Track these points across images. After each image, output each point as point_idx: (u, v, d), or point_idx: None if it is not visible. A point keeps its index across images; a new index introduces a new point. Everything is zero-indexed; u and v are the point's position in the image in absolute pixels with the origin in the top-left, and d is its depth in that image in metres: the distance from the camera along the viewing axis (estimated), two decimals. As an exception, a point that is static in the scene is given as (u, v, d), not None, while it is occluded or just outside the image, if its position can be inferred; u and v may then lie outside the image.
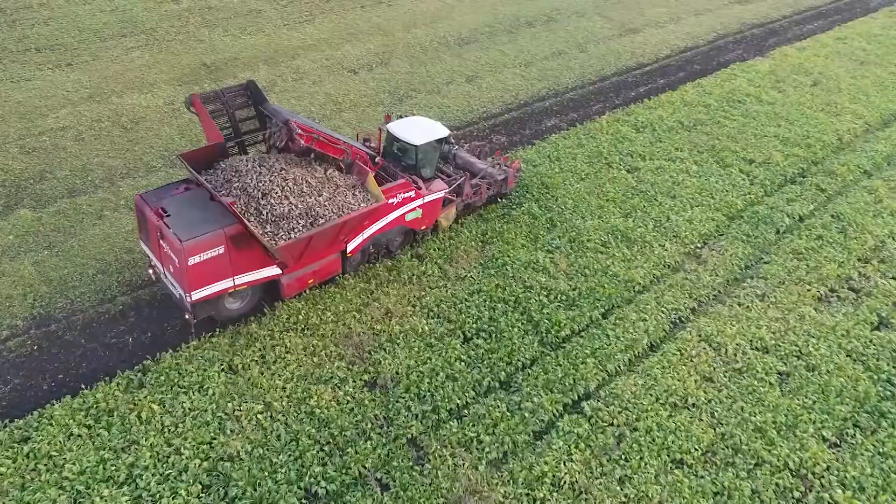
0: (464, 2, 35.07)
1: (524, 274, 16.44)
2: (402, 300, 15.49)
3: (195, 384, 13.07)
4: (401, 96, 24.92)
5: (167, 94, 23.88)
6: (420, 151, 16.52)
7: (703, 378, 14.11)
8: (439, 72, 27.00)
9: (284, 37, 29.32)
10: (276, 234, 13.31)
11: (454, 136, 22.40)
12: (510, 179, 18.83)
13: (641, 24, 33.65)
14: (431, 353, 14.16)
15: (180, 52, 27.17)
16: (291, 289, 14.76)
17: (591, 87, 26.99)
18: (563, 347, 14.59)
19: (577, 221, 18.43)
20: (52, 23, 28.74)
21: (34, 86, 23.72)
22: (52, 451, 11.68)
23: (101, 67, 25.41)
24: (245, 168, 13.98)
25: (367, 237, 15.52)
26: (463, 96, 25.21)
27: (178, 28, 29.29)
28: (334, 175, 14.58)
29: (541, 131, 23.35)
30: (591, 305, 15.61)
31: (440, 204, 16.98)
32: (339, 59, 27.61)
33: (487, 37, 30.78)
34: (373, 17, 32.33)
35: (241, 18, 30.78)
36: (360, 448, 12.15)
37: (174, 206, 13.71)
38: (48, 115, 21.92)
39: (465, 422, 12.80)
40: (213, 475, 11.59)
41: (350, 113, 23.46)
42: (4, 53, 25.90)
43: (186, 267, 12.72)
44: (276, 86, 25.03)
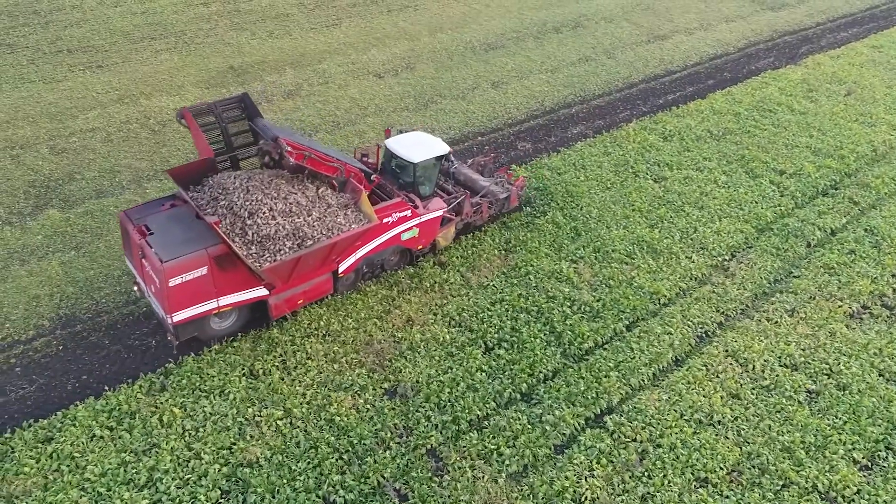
0: (490, 7, 34.95)
1: (547, 284, 16.25)
2: (424, 308, 15.40)
3: (216, 388, 13.11)
4: (426, 101, 24.87)
5: (195, 96, 24.09)
6: (418, 169, 16.04)
7: (730, 395, 13.80)
8: (465, 77, 26.91)
9: (311, 41, 29.46)
10: (262, 255, 12.77)
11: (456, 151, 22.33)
12: (513, 198, 18.21)
13: (670, 30, 33.23)
14: (452, 363, 14.05)
15: (208, 54, 27.43)
16: (280, 310, 14.27)
17: (618, 94, 26.70)
18: (586, 360, 14.38)
19: (601, 231, 18.19)
20: (84, 25, 29.21)
21: (65, 87, 24.10)
22: (75, 452, 11.79)
23: (130, 69, 25.74)
24: (233, 185, 13.47)
25: (359, 257, 15.03)
26: (488, 102, 25.08)
27: (206, 31, 29.59)
28: (326, 193, 14.03)
29: (566, 138, 23.13)
30: (615, 317, 15.38)
31: (438, 223, 16.36)
32: (364, 63, 27.65)
33: (514, 42, 30.61)
34: (399, 21, 32.35)
35: (269, 22, 31.00)
36: (378, 457, 12.08)
37: (158, 223, 13.30)
38: (78, 117, 22.24)
39: (486, 433, 12.66)
40: (232, 481, 11.61)
41: (375, 118, 23.46)
42: (38, 54, 26.37)
43: (167, 288, 12.33)
44: (301, 89, 25.14)
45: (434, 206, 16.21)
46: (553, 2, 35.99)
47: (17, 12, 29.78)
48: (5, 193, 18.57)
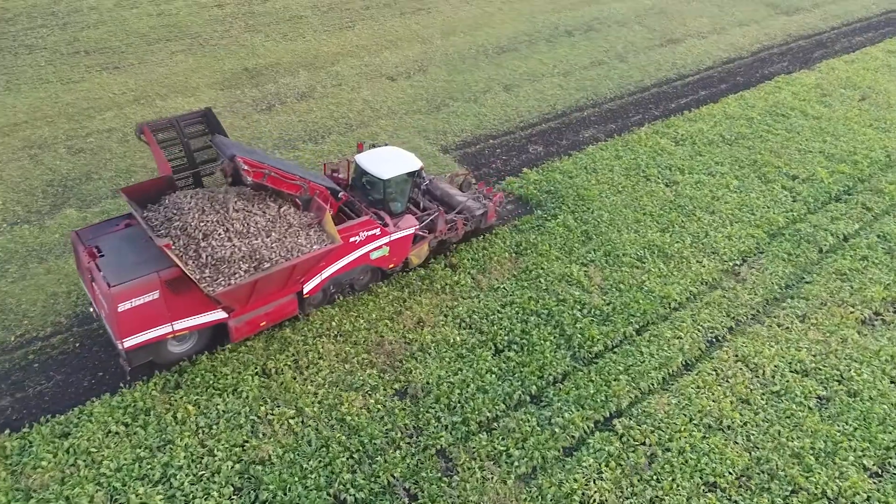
0: (503, 10, 35.07)
1: (558, 287, 16.32)
2: (435, 309, 15.52)
3: (230, 387, 13.28)
4: (438, 104, 25.00)
5: (209, 97, 24.37)
6: (388, 185, 15.38)
7: (740, 400, 13.82)
8: (477, 80, 27.03)
9: (325, 43, 29.70)
10: (216, 279, 12.23)
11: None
12: (490, 213, 17.66)
13: (683, 34, 33.21)
14: (462, 364, 14.15)
15: (223, 56, 27.72)
16: (240, 332, 13.77)
17: (630, 97, 26.72)
18: (596, 363, 14.44)
19: (612, 235, 18.24)
20: (101, 26, 29.61)
21: (83, 88, 24.43)
22: (91, 448, 11.98)
23: (146, 71, 26.06)
24: (188, 205, 12.87)
25: (325, 277, 14.60)
26: (500, 105, 25.18)
27: (221, 33, 29.90)
28: (288, 213, 13.51)
29: (578, 142, 23.19)
30: (625, 321, 15.43)
31: (410, 241, 15.84)
32: (377, 65, 27.84)
33: (526, 45, 30.71)
34: (412, 24, 32.53)
35: (284, 24, 31.27)
36: (389, 457, 12.19)
37: (110, 245, 12.85)
38: (95, 117, 22.55)
39: (495, 435, 12.75)
40: (244, 478, 11.76)
41: (387, 120, 23.62)
42: (55, 56, 26.76)
43: (116, 313, 11.90)
44: (315, 91, 25.35)
45: (405, 223, 15.64)
46: (565, 5, 36.07)
47: (35, 13, 30.26)
48: (24, 192, 18.87)
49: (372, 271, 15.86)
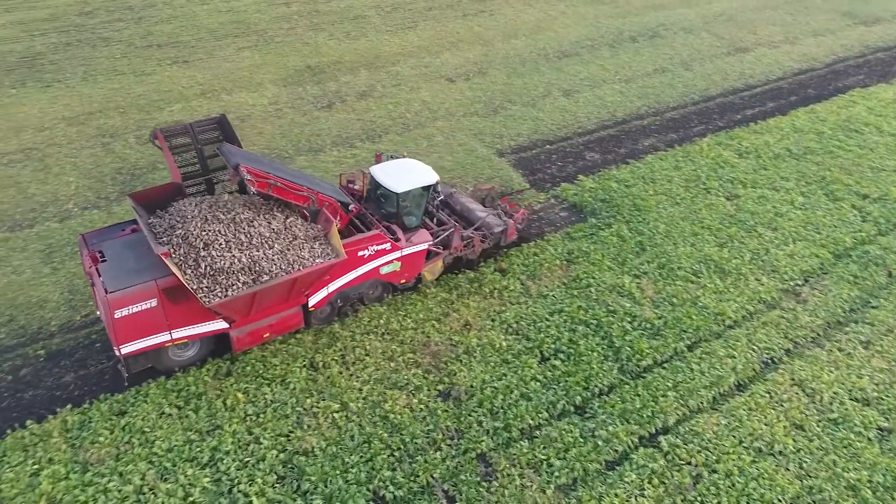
0: (566, 14, 34.77)
1: (608, 297, 16.08)
2: (482, 313, 15.50)
3: (278, 377, 13.59)
4: (495, 107, 24.97)
5: (272, 93, 24.99)
6: (402, 199, 14.97)
7: (794, 425, 13.31)
8: (536, 84, 26.87)
9: (386, 43, 30.04)
10: (213, 289, 11.99)
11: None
12: (510, 231, 17.00)
13: (753, 42, 32.22)
14: (507, 370, 14.09)
15: (287, 53, 28.38)
16: (242, 343, 13.59)
17: (693, 107, 26.08)
18: (644, 377, 14.15)
19: (668, 247, 17.85)
20: (173, 21, 30.75)
21: (153, 80, 25.42)
22: (145, 427, 12.45)
23: (213, 65, 26.92)
24: (191, 213, 12.65)
25: (332, 291, 14.28)
26: (558, 110, 24.96)
27: (286, 30, 30.63)
28: (295, 224, 13.22)
29: (637, 151, 22.78)
30: (676, 336, 15.07)
31: (423, 257, 15.40)
32: (437, 66, 28.00)
33: (588, 50, 30.36)
34: (474, 26, 32.59)
35: (347, 23, 31.81)
36: (429, 457, 12.25)
37: (114, 250, 12.80)
38: (164, 109, 23.43)
39: (536, 443, 12.65)
40: (287, 467, 12.00)
41: (444, 121, 23.73)
42: (130, 48, 27.93)
43: (113, 320, 11.82)
44: (374, 91, 25.67)
45: (419, 238, 15.19)
46: (631, 10, 35.50)
47: (113, 7, 31.65)
48: (94, 179, 19.75)
49: (383, 286, 15.46)
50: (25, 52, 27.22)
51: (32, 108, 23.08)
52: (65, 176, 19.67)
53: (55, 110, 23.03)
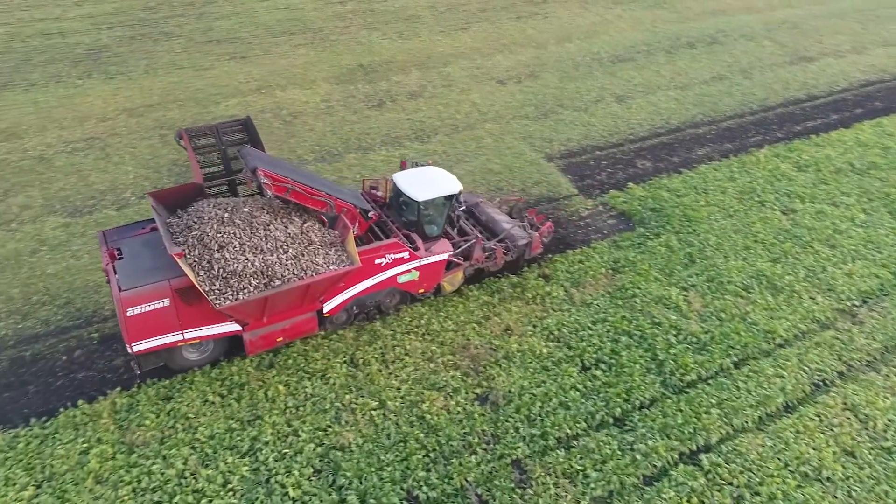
0: (622, 18, 34.26)
1: (654, 309, 15.76)
2: (524, 319, 15.39)
3: (319, 372, 13.77)
4: (546, 111, 24.77)
5: (325, 91, 25.34)
6: (423, 208, 14.71)
7: (844, 451, 12.79)
8: (589, 89, 26.55)
9: (439, 43, 30.14)
10: (224, 292, 11.97)
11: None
12: (535, 245, 16.51)
13: (817, 52, 31.14)
14: (547, 377, 13.95)
15: (341, 52, 28.74)
16: (255, 346, 13.54)
17: (751, 116, 25.36)
18: (687, 392, 13.82)
19: (718, 260, 17.39)
20: (232, 17, 31.51)
21: (211, 75, 26.08)
22: (189, 413, 12.78)
23: (269, 62, 27.46)
24: (208, 215, 12.62)
25: (347, 298, 14.13)
26: (610, 116, 24.60)
27: (341, 29, 31.03)
28: (312, 229, 13.14)
29: (690, 160, 22.27)
30: (723, 352, 14.67)
31: (443, 267, 15.14)
32: (488, 68, 27.94)
33: (644, 56, 29.84)
34: (527, 28, 32.40)
35: (401, 23, 32.03)
36: (464, 460, 12.22)
37: (131, 247, 12.87)
38: (220, 104, 24.01)
39: (573, 453, 12.49)
40: (324, 461, 12.14)
41: (493, 124, 23.65)
42: (190, 43, 28.73)
43: (125, 318, 11.91)
44: (425, 91, 25.78)
45: (439, 248, 14.93)
46: (689, 16, 34.77)
47: (176, 3, 32.61)
48: (151, 169, 20.38)
49: (401, 295, 15.29)
50: (92, 45, 28.29)
51: (96, 99, 23.97)
52: (124, 165, 20.36)
53: (117, 102, 23.87)
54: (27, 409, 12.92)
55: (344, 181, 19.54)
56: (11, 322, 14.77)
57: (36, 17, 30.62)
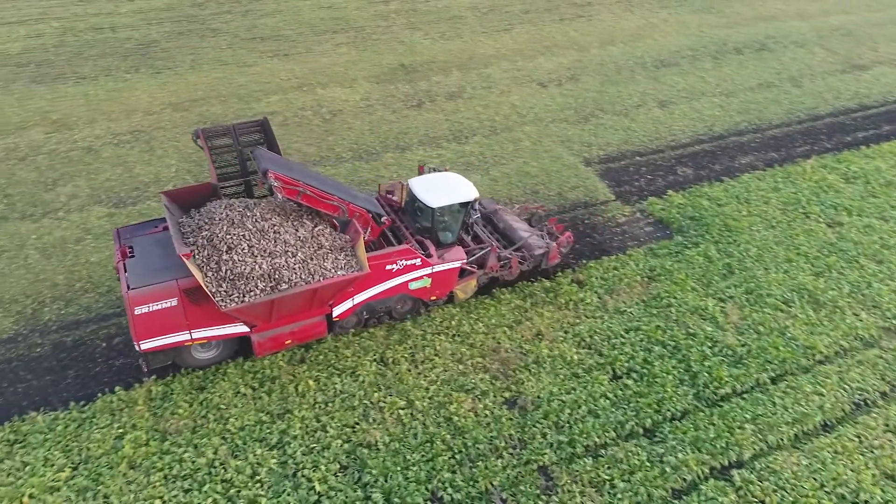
0: (668, 21, 33.72)
1: (689, 319, 15.46)
2: (555, 324, 15.26)
3: (349, 369, 13.87)
4: (586, 115, 24.52)
5: (365, 90, 25.53)
6: (437, 214, 14.53)
7: (884, 475, 12.35)
8: (630, 93, 26.18)
9: (480, 44, 30.08)
10: (231, 294, 11.98)
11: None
12: (552, 254, 16.09)
13: (872, 60, 30.14)
14: (576, 384, 13.80)
15: (383, 51, 28.92)
16: (263, 348, 13.55)
17: (799, 125, 24.67)
18: (720, 406, 13.51)
19: (758, 272, 16.96)
20: (277, 15, 31.99)
21: (254, 72, 26.51)
22: (221, 404, 13.01)
23: (311, 60, 27.79)
24: (219, 216, 12.62)
25: (357, 303, 14.07)
26: (652, 121, 24.23)
27: (383, 28, 31.22)
28: (323, 233, 13.10)
29: (733, 168, 21.78)
30: (759, 366, 14.30)
31: (455, 275, 14.93)
32: (529, 70, 27.78)
33: (689, 61, 29.30)
34: (570, 31, 32.13)
35: (443, 23, 32.07)
36: (490, 464, 12.17)
37: (143, 246, 12.92)
38: (262, 100, 24.40)
39: (601, 462, 12.33)
40: (351, 458, 12.23)
41: (532, 126, 23.51)
42: (235, 40, 29.26)
43: (132, 316, 11.93)
44: (464, 92, 25.76)
45: (452, 255, 14.74)
46: (738, 21, 34.04)
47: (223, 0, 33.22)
48: (193, 163, 20.80)
49: (413, 301, 15.14)
50: (142, 40, 29.04)
51: (143, 93, 24.60)
52: (167, 158, 20.84)
53: (163, 96, 24.45)
54: (66, 392, 13.34)
55: (381, 180, 19.66)
56: (56, 307, 15.24)
57: (90, 12, 31.58)
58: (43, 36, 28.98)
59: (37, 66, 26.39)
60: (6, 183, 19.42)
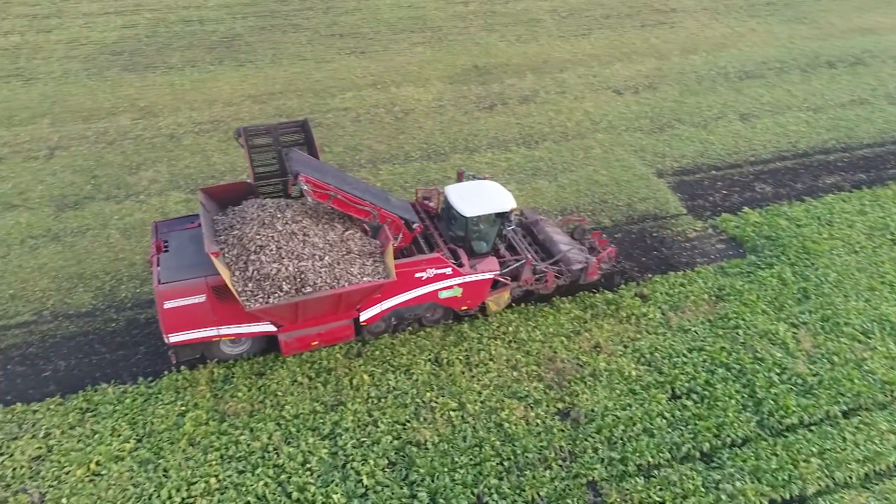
0: (756, 31, 32.42)
1: (757, 343, 14.81)
2: (615, 338, 14.92)
3: (403, 367, 13.98)
4: (662, 125, 23.86)
5: (437, 90, 25.67)
6: (470, 223, 14.24)
7: (964, 526, 11.51)
8: (710, 104, 25.31)
9: (557, 48, 29.75)
10: (256, 294, 12.05)
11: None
12: (592, 270, 15.40)
13: (977, 79, 28.09)
14: (633, 401, 13.45)
15: (458, 52, 29.00)
16: (290, 347, 13.67)
17: (892, 146, 23.24)
18: (785, 436, 12.89)
19: (836, 299, 16.08)
20: (356, 13, 32.58)
21: (331, 68, 27.10)
22: (278, 391, 13.36)
23: (387, 58, 28.16)
24: (251, 216, 12.77)
25: (385, 309, 13.96)
26: (731, 135, 23.34)
27: (460, 29, 31.31)
28: (353, 237, 13.10)
29: (816, 188, 20.73)
30: (831, 398, 13.55)
31: (488, 286, 14.58)
32: (605, 77, 27.27)
33: (776, 73, 28.08)
34: (651, 37, 31.36)
35: (520, 26, 31.88)
36: (538, 474, 12.02)
37: (178, 241, 13.16)
38: (336, 96, 24.90)
39: (653, 482, 11.97)
40: (399, 455, 12.32)
41: (604, 134, 23.07)
42: (315, 36, 29.98)
43: (162, 309, 12.20)
44: (537, 96, 25.53)
45: (484, 266, 14.40)
46: (832, 33, 32.38)
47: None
48: (269, 154, 21.41)
49: (443, 310, 14.94)
50: (227, 33, 30.16)
51: (225, 85, 25.53)
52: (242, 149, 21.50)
53: (243, 88, 25.31)
54: (136, 367, 14.00)
55: (447, 181, 19.72)
56: (132, 286, 16.02)
57: (181, 4, 33.03)
58: (137, 26, 30.53)
59: (129, 55, 27.82)
60: (95, 165, 20.56)
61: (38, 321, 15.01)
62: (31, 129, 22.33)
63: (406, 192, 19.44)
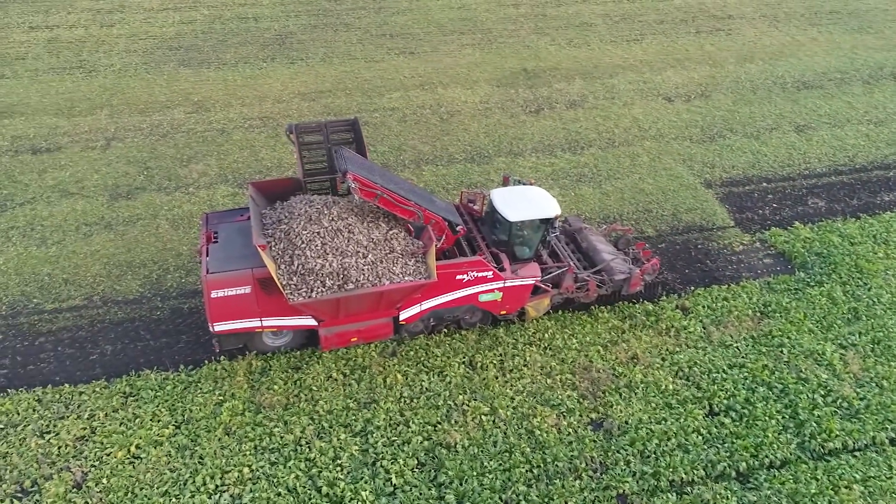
0: (817, 40, 31.40)
1: (802, 363, 14.35)
2: (653, 350, 14.65)
3: (437, 368, 14.02)
4: (713, 134, 23.33)
5: (485, 92, 25.64)
6: (514, 228, 14.24)
7: None
8: (765, 115, 24.62)
9: (608, 53, 29.38)
10: (300, 288, 12.32)
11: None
12: (634, 281, 15.26)
13: None
14: (668, 415, 13.20)
15: (507, 55, 28.91)
16: (330, 342, 13.89)
17: (956, 163, 22.26)
18: (827, 461, 12.46)
19: (889, 321, 15.46)
20: (407, 14, 32.78)
21: (380, 67, 27.33)
22: (313, 386, 13.55)
23: (435, 59, 28.26)
24: (298, 211, 13.08)
25: (424, 309, 14.07)
26: (785, 146, 22.66)
27: (510, 31, 31.20)
28: (397, 237, 13.25)
29: (873, 205, 19.96)
30: (878, 424, 13.05)
31: (528, 291, 14.53)
32: (656, 83, 26.80)
33: (836, 84, 27.14)
34: (706, 44, 30.69)
35: (571, 30, 31.60)
36: (567, 483, 11.90)
37: (227, 232, 13.49)
38: (384, 95, 25.11)
39: (685, 499, 11.74)
40: (429, 456, 12.36)
41: (652, 142, 22.68)
42: (366, 36, 30.29)
43: (209, 299, 12.54)
44: (586, 101, 25.26)
45: (527, 272, 14.36)
46: (898, 43, 31.13)
47: (359, -4, 34.48)
48: (316, 151, 21.74)
49: (482, 313, 14.95)
50: (280, 31, 30.74)
51: (275, 82, 26.03)
52: (290, 146, 21.91)
53: (293, 85, 25.75)
54: (178, 356, 14.39)
55: (490, 184, 19.70)
56: (178, 275, 16.48)
57: (237, 1, 33.80)
58: (194, 22, 31.38)
59: (186, 50, 28.62)
60: (148, 157, 21.23)
61: (89, 306, 15.57)
62: (90, 119, 23.19)
63: (448, 193, 19.49)
